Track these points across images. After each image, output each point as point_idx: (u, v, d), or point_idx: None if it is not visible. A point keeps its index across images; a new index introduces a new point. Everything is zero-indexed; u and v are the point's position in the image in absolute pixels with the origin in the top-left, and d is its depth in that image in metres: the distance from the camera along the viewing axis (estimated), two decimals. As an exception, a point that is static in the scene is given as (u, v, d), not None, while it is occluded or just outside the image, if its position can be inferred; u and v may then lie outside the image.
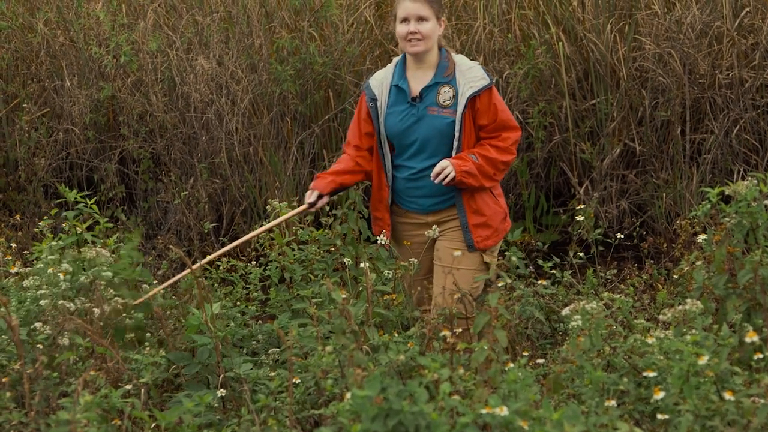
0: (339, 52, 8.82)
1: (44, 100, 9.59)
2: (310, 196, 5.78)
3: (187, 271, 5.70)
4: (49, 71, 9.63)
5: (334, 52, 8.81)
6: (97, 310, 5.32)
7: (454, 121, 5.63)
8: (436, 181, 5.57)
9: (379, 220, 5.94)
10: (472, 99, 5.61)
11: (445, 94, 5.66)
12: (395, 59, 5.87)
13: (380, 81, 5.82)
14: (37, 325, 5.14)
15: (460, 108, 5.61)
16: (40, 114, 9.44)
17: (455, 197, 5.72)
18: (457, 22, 9.05)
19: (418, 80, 5.74)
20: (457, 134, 5.63)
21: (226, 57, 8.85)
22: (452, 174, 5.55)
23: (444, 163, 5.58)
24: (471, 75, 5.65)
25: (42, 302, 5.26)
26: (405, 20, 5.66)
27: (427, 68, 5.73)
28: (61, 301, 5.20)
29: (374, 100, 5.78)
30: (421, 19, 5.63)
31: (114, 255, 5.98)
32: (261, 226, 6.54)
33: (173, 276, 7.03)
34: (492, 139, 5.67)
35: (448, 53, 5.73)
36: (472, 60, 5.93)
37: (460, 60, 5.73)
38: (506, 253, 6.43)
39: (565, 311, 4.61)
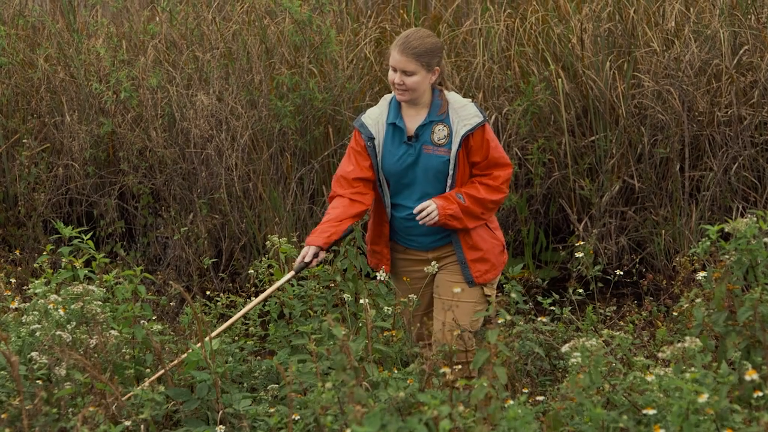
0: (339, 88, 8.84)
1: (44, 136, 9.61)
2: (307, 255, 5.68)
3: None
4: (49, 107, 9.65)
5: (333, 88, 8.84)
6: (93, 342, 5.31)
7: (449, 160, 5.63)
8: (418, 219, 5.57)
9: (378, 254, 5.93)
10: (466, 137, 5.61)
11: (439, 132, 5.66)
12: (387, 96, 5.84)
13: (375, 119, 5.78)
14: (34, 354, 5.14)
15: (454, 147, 5.60)
16: (40, 149, 9.45)
17: (451, 234, 5.72)
18: (456, 58, 9.08)
19: (412, 119, 5.73)
20: (450, 172, 5.63)
21: (226, 93, 8.87)
22: (435, 216, 5.55)
23: (428, 203, 5.57)
24: (464, 113, 5.64)
25: (37, 333, 5.25)
26: (393, 69, 5.65)
27: (421, 108, 5.71)
28: (57, 332, 5.20)
29: (371, 138, 5.74)
30: (406, 72, 5.61)
31: (109, 292, 5.99)
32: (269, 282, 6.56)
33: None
34: (483, 177, 5.67)
35: (441, 92, 5.71)
36: (471, 97, 5.93)
37: (453, 98, 5.72)
38: (505, 286, 6.45)
39: (565, 348, 4.61)
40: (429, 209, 5.55)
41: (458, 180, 5.64)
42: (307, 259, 5.66)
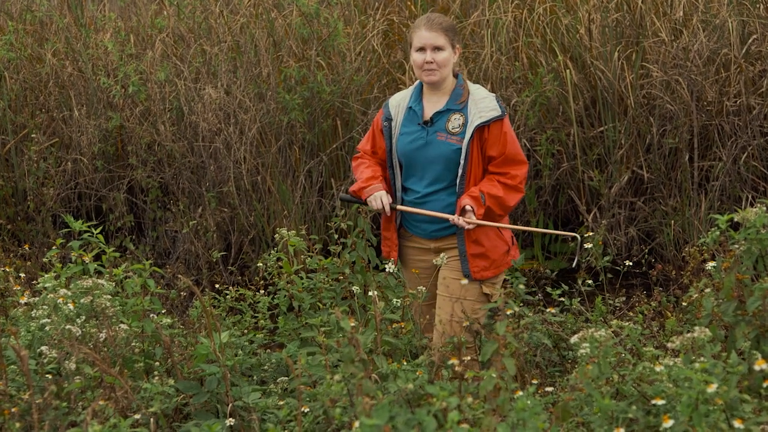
0: (347, 80, 8.84)
1: (53, 131, 9.62)
2: (384, 199, 5.74)
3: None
4: (57, 101, 9.66)
5: (341, 80, 8.84)
6: (102, 335, 5.32)
7: (460, 149, 5.63)
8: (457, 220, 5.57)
9: (388, 240, 5.94)
10: (480, 129, 5.60)
11: (455, 121, 5.67)
12: (417, 82, 5.89)
13: (398, 102, 5.85)
14: (44, 348, 5.15)
15: (467, 137, 5.60)
16: (49, 144, 9.46)
17: (456, 227, 5.72)
18: (464, 50, 9.07)
19: (432, 105, 5.75)
20: (462, 162, 5.62)
21: (234, 86, 8.87)
22: (462, 223, 5.57)
23: (464, 202, 5.58)
24: (483, 105, 5.65)
25: (47, 327, 5.26)
26: (421, 49, 5.67)
27: (442, 94, 5.74)
28: (67, 326, 5.20)
29: (389, 119, 5.80)
30: (436, 48, 5.64)
31: (119, 286, 6.00)
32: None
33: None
34: (501, 176, 5.65)
35: (464, 81, 5.74)
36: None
37: (476, 89, 5.73)
38: (510, 278, 6.44)
39: (574, 339, 4.60)
40: (466, 214, 5.56)
41: (469, 171, 5.63)
42: (381, 203, 5.72)
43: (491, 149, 5.63)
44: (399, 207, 5.73)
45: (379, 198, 5.72)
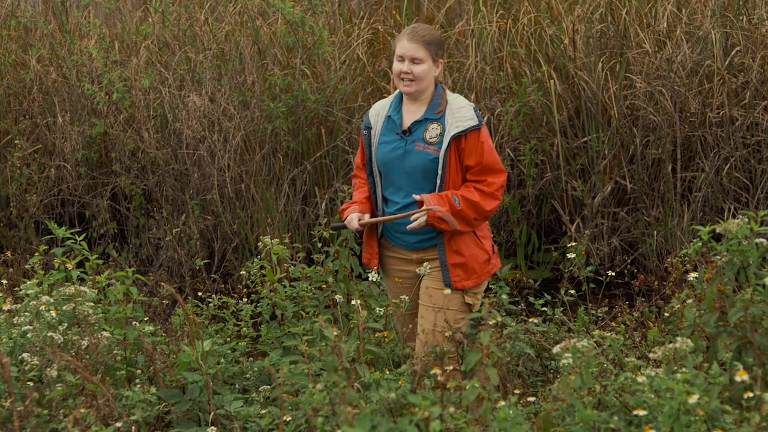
0: (331, 89, 8.84)
1: (36, 137, 9.61)
2: (358, 219, 5.76)
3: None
4: (41, 108, 9.65)
5: (326, 89, 8.84)
6: (84, 343, 5.31)
7: (438, 159, 5.64)
8: (413, 217, 5.55)
9: (369, 248, 5.94)
10: (458, 138, 5.61)
11: (432, 130, 5.67)
12: (397, 91, 5.89)
13: (378, 111, 5.86)
14: (25, 355, 5.14)
15: (443, 146, 5.61)
16: (32, 150, 9.45)
17: (436, 236, 5.72)
18: (449, 59, 9.09)
19: (410, 114, 5.75)
20: (439, 171, 5.63)
21: (219, 94, 8.87)
22: (423, 221, 5.55)
23: (426, 197, 5.57)
24: (460, 115, 5.65)
25: (29, 335, 5.25)
26: (400, 58, 5.68)
27: (420, 104, 5.74)
28: (49, 333, 5.20)
29: (369, 128, 5.81)
30: (415, 59, 5.64)
31: (101, 293, 5.99)
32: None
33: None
34: (478, 183, 5.65)
35: (443, 91, 5.74)
36: (466, 99, 5.92)
37: (454, 99, 5.74)
38: (494, 287, 6.44)
39: (556, 349, 4.61)
40: (418, 216, 5.55)
41: (448, 181, 5.63)
42: (355, 224, 5.76)
43: (469, 159, 5.63)
44: (363, 222, 5.74)
45: (355, 219, 5.75)
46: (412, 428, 3.48)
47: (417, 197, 5.61)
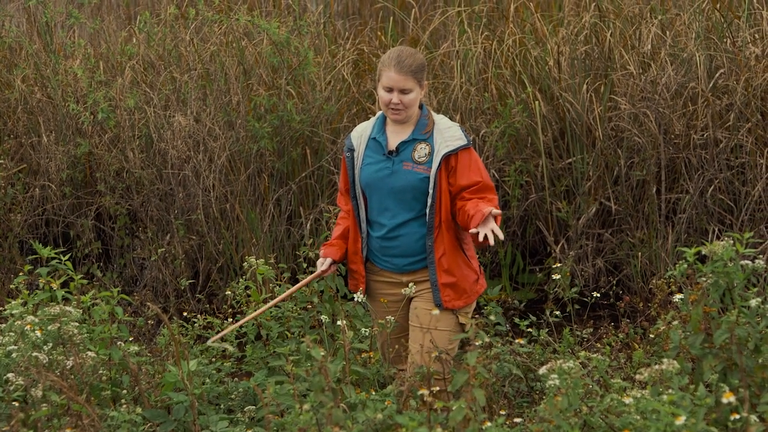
0: (316, 109, 8.85)
1: (21, 156, 9.58)
2: (322, 264, 5.83)
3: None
4: (26, 127, 9.62)
5: (311, 109, 8.84)
6: (69, 363, 5.29)
7: (428, 178, 5.63)
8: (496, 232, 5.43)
9: (355, 273, 5.93)
10: (447, 158, 5.61)
11: (421, 150, 5.67)
12: (379, 113, 5.87)
13: (360, 133, 5.84)
14: (10, 375, 5.12)
15: (434, 166, 5.61)
16: (17, 170, 9.42)
17: (427, 256, 5.72)
18: (434, 80, 9.11)
19: (396, 135, 5.74)
20: (430, 191, 5.63)
21: (204, 114, 8.87)
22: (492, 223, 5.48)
23: (483, 208, 5.46)
24: (449, 134, 5.66)
25: (14, 354, 5.23)
26: (389, 89, 5.65)
27: (407, 125, 5.74)
28: (34, 353, 5.18)
29: (351, 150, 5.79)
30: (404, 91, 5.63)
31: (86, 313, 5.98)
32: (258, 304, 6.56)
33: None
34: (481, 199, 5.61)
35: (429, 112, 5.75)
36: (451, 119, 5.94)
37: (440, 119, 5.74)
38: (485, 309, 6.44)
39: (542, 370, 4.61)
40: (491, 227, 5.45)
41: (439, 200, 5.62)
42: (323, 268, 5.82)
43: (462, 178, 5.62)
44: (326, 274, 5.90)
45: (327, 263, 5.85)
46: (399, 449, 3.48)
47: (483, 212, 5.47)
